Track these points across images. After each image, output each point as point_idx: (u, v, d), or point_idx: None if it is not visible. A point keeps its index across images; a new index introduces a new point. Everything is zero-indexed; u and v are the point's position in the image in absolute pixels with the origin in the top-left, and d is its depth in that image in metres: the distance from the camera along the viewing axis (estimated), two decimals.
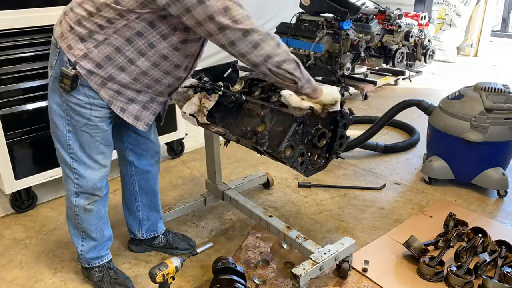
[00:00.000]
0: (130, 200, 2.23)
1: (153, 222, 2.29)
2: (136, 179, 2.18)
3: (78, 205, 1.95)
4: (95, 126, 1.79)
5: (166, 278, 1.82)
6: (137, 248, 2.34)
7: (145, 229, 2.28)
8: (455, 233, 2.34)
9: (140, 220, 2.26)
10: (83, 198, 1.93)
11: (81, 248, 2.06)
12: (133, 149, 2.11)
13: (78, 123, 1.78)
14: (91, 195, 1.93)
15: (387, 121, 3.23)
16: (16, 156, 2.55)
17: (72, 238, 2.06)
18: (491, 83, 2.83)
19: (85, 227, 2.00)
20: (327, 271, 2.16)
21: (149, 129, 2.05)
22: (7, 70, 2.43)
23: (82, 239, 2.04)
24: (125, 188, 2.22)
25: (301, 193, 2.93)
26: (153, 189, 2.25)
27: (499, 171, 2.83)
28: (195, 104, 2.04)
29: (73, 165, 1.86)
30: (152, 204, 2.26)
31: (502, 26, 8.34)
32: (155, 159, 2.20)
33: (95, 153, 1.86)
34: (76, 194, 1.92)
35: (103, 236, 2.07)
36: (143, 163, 2.15)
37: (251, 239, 2.43)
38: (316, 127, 1.85)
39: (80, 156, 1.84)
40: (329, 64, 4.42)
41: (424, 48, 4.96)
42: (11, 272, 2.23)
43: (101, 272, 2.09)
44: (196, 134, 3.73)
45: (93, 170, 1.88)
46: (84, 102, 1.73)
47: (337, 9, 4.24)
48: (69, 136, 1.81)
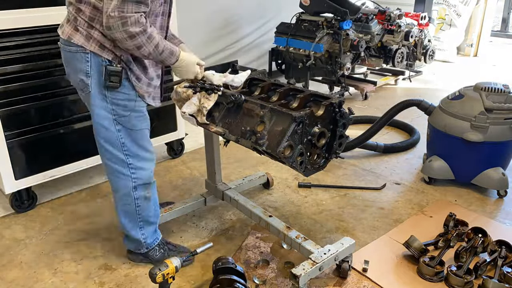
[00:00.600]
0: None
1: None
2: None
3: (139, 197, 2.07)
4: (143, 115, 1.96)
5: (166, 278, 1.82)
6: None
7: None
8: (455, 233, 2.34)
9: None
10: (142, 189, 2.06)
11: (143, 237, 2.16)
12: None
13: (128, 118, 1.90)
14: (148, 184, 2.07)
15: (387, 121, 3.23)
16: (16, 156, 2.55)
17: (131, 232, 2.14)
18: (491, 83, 2.83)
19: (145, 215, 2.12)
20: (327, 271, 2.16)
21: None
22: (7, 70, 2.43)
23: (140, 228, 2.14)
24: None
25: (301, 193, 2.93)
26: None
27: (499, 171, 2.83)
28: (194, 104, 2.05)
29: (129, 161, 1.98)
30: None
31: (502, 26, 8.34)
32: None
33: (147, 142, 2.02)
34: (135, 188, 2.04)
35: (158, 217, 2.22)
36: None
37: (251, 239, 2.43)
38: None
39: (135, 151, 1.97)
40: (329, 64, 4.42)
41: (424, 48, 4.96)
42: (11, 272, 2.23)
43: (162, 249, 2.23)
44: (196, 134, 3.73)
45: (147, 160, 2.04)
46: (132, 95, 1.87)
47: (337, 9, 4.24)
48: (121, 134, 1.93)
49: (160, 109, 3.11)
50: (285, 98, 2.02)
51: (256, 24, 5.19)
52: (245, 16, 5.03)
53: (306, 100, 1.96)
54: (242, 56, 5.07)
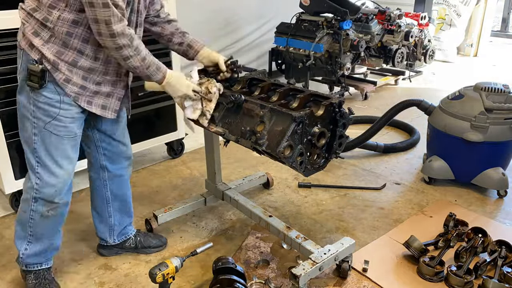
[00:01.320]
0: (101, 207, 2.21)
1: (124, 226, 2.29)
2: (108, 184, 2.17)
3: (36, 211, 1.91)
4: (64, 127, 1.80)
5: (166, 278, 1.82)
6: (108, 252, 2.32)
7: (117, 234, 2.28)
8: (455, 233, 2.34)
9: (111, 225, 2.25)
10: (41, 205, 1.90)
11: (24, 251, 2.00)
12: (106, 154, 2.11)
13: (46, 124, 1.78)
14: (50, 203, 1.90)
15: (387, 121, 3.23)
16: (16, 156, 2.55)
17: (16, 240, 2.01)
18: (491, 83, 2.83)
19: (36, 232, 1.96)
20: (327, 271, 2.15)
21: (121, 133, 2.09)
22: (7, 70, 2.43)
23: (27, 243, 1.99)
24: (96, 195, 2.20)
25: (301, 193, 2.93)
26: (125, 193, 2.25)
27: (499, 171, 2.83)
28: (199, 109, 2.03)
29: (37, 169, 1.85)
30: (124, 208, 2.27)
31: (502, 26, 8.34)
32: (128, 163, 2.21)
33: (61, 157, 1.85)
34: (35, 199, 1.89)
35: (51, 244, 2.04)
36: (116, 167, 2.15)
37: (251, 239, 2.43)
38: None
39: (44, 161, 1.83)
40: (329, 64, 4.42)
41: (424, 48, 4.96)
42: (11, 272, 2.23)
43: (37, 280, 2.03)
44: (196, 134, 3.71)
45: (57, 177, 1.86)
46: (54, 100, 1.76)
47: (337, 9, 4.24)
48: (36, 139, 1.81)
49: (160, 109, 3.12)
50: (285, 98, 2.02)
51: (256, 24, 5.19)
52: (245, 16, 5.03)
53: (306, 100, 1.96)
54: (242, 56, 5.07)
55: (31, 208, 1.91)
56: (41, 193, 1.87)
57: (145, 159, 3.40)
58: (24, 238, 1.99)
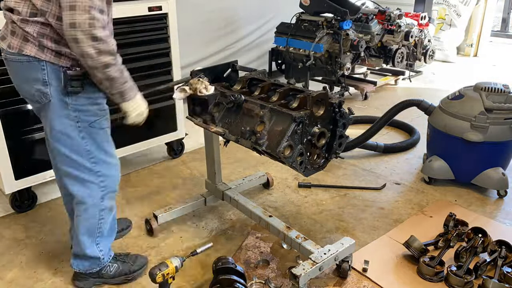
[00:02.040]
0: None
1: None
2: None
3: (105, 208, 1.96)
4: (106, 119, 1.88)
5: (166, 278, 1.82)
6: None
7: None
8: (455, 233, 2.34)
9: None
10: (108, 199, 1.97)
11: (102, 253, 2.04)
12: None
13: (92, 123, 1.81)
14: (113, 192, 1.99)
15: (387, 121, 3.23)
16: (16, 156, 2.55)
17: (87, 250, 2.00)
18: (491, 83, 2.83)
19: (103, 229, 2.01)
20: (327, 271, 2.15)
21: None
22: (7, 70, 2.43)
23: (97, 244, 2.02)
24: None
25: (301, 193, 2.93)
26: None
27: (499, 171, 2.83)
28: (186, 91, 2.08)
29: (96, 168, 1.88)
30: None
31: (502, 26, 8.33)
32: None
33: (110, 146, 1.94)
34: (102, 198, 1.94)
35: (115, 232, 2.13)
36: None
37: (251, 239, 2.43)
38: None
39: (100, 157, 1.88)
40: (329, 64, 4.42)
41: (424, 48, 4.96)
42: (11, 272, 2.23)
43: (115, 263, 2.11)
44: (196, 134, 3.73)
45: (113, 166, 1.95)
46: (94, 97, 1.79)
47: (337, 9, 4.24)
48: (86, 142, 1.83)
49: (160, 109, 3.12)
50: (285, 98, 2.02)
51: (256, 24, 5.19)
52: (245, 16, 5.03)
53: (306, 100, 1.96)
54: (242, 56, 5.07)
55: (101, 209, 1.95)
56: (107, 188, 1.94)
57: (145, 159, 3.40)
58: (94, 243, 2.01)
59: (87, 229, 1.98)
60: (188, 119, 2.26)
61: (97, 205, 1.94)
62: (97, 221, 1.97)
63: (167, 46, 3.04)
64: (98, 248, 2.03)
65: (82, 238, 1.98)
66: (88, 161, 1.86)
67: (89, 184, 1.90)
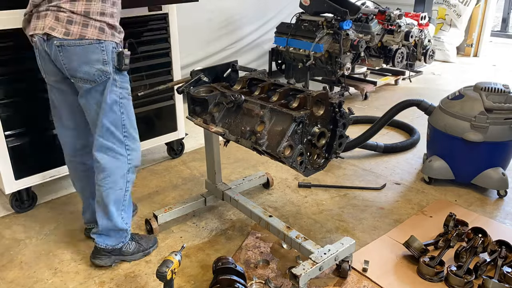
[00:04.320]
0: (94, 192, 2.22)
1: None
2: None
3: (130, 180, 2.13)
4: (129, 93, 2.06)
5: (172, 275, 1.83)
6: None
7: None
8: (455, 233, 2.34)
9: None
10: (132, 172, 2.14)
11: (127, 225, 2.20)
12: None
13: (128, 100, 2.03)
14: (136, 167, 2.15)
15: (387, 121, 3.23)
16: (16, 156, 2.55)
17: (117, 222, 2.14)
18: (491, 83, 2.83)
19: (127, 203, 2.17)
20: (327, 271, 2.16)
21: None
22: (7, 70, 2.43)
23: (122, 218, 2.16)
24: (91, 183, 2.21)
25: (301, 193, 2.93)
26: None
27: (499, 171, 2.83)
28: None
29: (126, 142, 2.07)
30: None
31: (502, 26, 8.34)
32: None
33: (135, 121, 2.11)
34: (128, 170, 2.11)
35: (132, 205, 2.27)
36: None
37: (251, 239, 2.43)
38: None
39: (130, 132, 2.08)
40: (329, 64, 4.42)
41: (424, 48, 4.95)
42: (11, 272, 2.23)
43: (133, 241, 2.26)
44: (196, 134, 3.73)
45: (137, 141, 2.14)
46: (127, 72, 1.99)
47: (337, 9, 4.24)
48: (123, 117, 2.03)
49: (160, 109, 3.12)
50: (285, 98, 2.02)
51: (256, 24, 5.19)
52: (245, 16, 5.03)
53: (306, 100, 1.96)
54: (242, 56, 5.07)
55: (126, 181, 2.11)
56: (133, 161, 2.11)
57: (145, 159, 3.40)
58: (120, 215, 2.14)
59: (115, 201, 2.11)
60: (188, 119, 2.26)
61: (124, 177, 2.10)
62: (123, 192, 2.12)
63: (167, 46, 3.04)
64: (124, 221, 2.17)
65: (112, 209, 2.11)
66: (121, 134, 2.04)
67: (119, 156, 2.07)
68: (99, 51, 1.87)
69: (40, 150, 2.64)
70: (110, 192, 2.10)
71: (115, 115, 2.00)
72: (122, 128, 2.04)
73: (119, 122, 2.02)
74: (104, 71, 1.91)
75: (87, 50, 1.86)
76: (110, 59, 1.91)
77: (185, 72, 3.37)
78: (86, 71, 1.90)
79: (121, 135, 2.05)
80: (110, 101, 1.97)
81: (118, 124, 2.02)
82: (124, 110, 2.03)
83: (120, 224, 2.15)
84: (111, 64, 1.92)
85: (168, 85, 2.37)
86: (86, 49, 1.86)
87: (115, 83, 1.96)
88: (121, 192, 2.11)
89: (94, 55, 1.87)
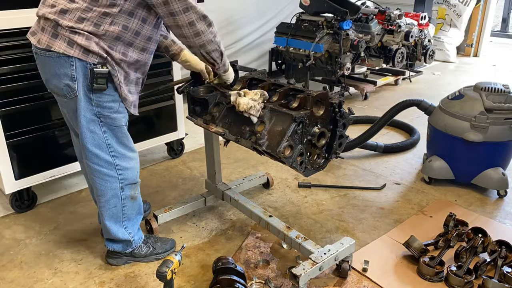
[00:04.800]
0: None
1: None
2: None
3: (126, 197, 2.07)
4: (124, 116, 1.95)
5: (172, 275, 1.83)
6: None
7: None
8: (455, 233, 2.34)
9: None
10: (129, 189, 2.07)
11: (131, 235, 2.16)
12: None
13: (112, 120, 1.90)
14: (134, 183, 2.08)
15: (387, 121, 3.23)
16: (16, 156, 2.55)
17: (117, 234, 2.12)
18: (491, 83, 2.83)
19: (129, 213, 2.13)
20: (327, 271, 2.16)
21: None
22: (7, 70, 2.43)
23: (125, 228, 2.14)
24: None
25: (301, 193, 2.93)
26: None
27: (499, 171, 2.83)
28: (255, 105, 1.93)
29: (115, 162, 1.98)
30: None
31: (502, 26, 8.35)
32: None
33: (129, 141, 2.03)
34: (122, 188, 2.04)
35: (142, 215, 2.24)
36: None
37: (251, 239, 2.43)
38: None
39: (120, 151, 1.98)
40: (329, 64, 4.42)
41: (424, 48, 4.95)
42: (11, 272, 2.23)
43: (147, 244, 2.25)
44: (196, 134, 3.73)
45: (132, 159, 2.04)
46: (117, 95, 1.87)
47: (337, 9, 4.24)
48: (107, 136, 1.93)
49: (160, 109, 3.12)
50: (285, 98, 2.02)
51: (256, 24, 5.19)
52: (245, 16, 5.03)
53: (306, 100, 1.96)
54: (242, 56, 5.07)
55: (121, 199, 2.06)
56: (126, 180, 2.03)
57: (145, 159, 3.40)
58: (122, 227, 2.13)
59: (111, 216, 2.09)
60: (188, 119, 2.26)
61: (117, 196, 2.05)
62: (120, 208, 2.08)
63: None
64: (127, 231, 2.15)
65: (108, 223, 2.10)
66: (108, 155, 1.95)
67: (107, 178, 2.00)
68: (68, 65, 1.75)
69: (40, 150, 2.64)
70: (104, 210, 2.08)
71: (95, 135, 1.90)
72: (107, 149, 1.93)
73: (102, 143, 1.92)
74: (72, 89, 1.79)
75: (55, 62, 1.76)
76: (80, 76, 1.77)
77: (185, 72, 3.37)
78: (54, 84, 1.83)
79: (107, 156, 1.95)
80: (85, 121, 1.85)
81: (102, 145, 1.92)
82: (107, 129, 1.90)
83: (121, 236, 2.13)
84: (81, 81, 1.78)
85: (168, 85, 2.37)
86: (55, 61, 1.76)
87: (89, 102, 1.82)
88: (116, 209, 2.07)
89: (62, 68, 1.77)
